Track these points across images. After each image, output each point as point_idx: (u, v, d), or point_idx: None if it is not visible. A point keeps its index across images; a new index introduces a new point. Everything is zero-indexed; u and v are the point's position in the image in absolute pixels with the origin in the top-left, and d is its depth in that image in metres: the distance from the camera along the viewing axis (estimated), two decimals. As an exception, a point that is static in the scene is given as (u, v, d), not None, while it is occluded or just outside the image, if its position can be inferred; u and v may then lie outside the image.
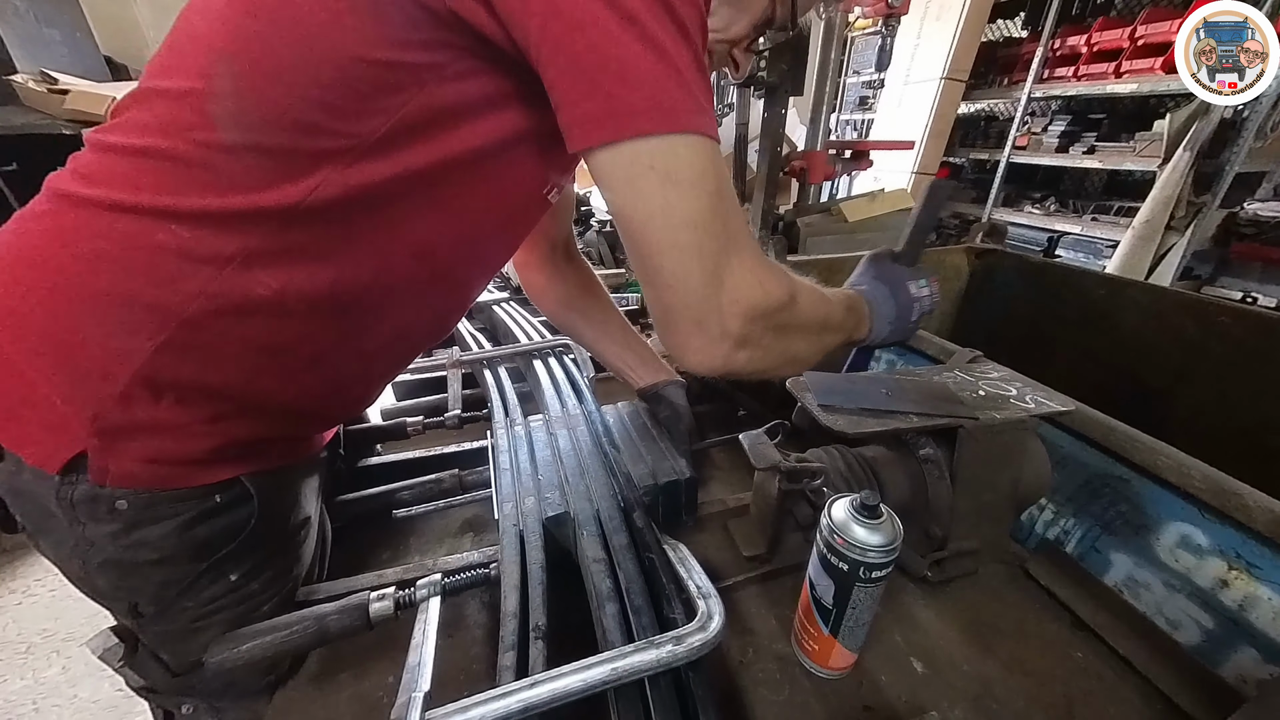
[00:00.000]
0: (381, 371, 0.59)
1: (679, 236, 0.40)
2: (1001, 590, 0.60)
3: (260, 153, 0.39)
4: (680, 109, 0.38)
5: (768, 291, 0.45)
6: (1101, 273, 1.61)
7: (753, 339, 0.46)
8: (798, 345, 0.52)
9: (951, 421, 0.55)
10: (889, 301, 0.64)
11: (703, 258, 0.41)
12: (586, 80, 0.37)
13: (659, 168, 0.38)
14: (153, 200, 0.39)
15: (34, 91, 2.08)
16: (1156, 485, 0.61)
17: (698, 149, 0.39)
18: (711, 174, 0.40)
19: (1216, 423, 1.24)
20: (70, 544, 0.43)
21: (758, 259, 0.45)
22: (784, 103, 0.98)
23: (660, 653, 0.37)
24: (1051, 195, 3.42)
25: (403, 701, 0.34)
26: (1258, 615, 0.53)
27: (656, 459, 0.63)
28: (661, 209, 0.40)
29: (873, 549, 0.41)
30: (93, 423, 0.40)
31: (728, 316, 0.43)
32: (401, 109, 0.39)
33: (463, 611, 0.57)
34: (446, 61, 0.39)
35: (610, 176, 0.40)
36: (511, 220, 0.54)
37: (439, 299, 0.55)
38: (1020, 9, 3.63)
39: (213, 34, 0.40)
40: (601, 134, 0.38)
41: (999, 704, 0.48)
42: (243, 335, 0.42)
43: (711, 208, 0.40)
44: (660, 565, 0.48)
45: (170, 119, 0.40)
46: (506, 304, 1.24)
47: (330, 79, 0.38)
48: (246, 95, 0.38)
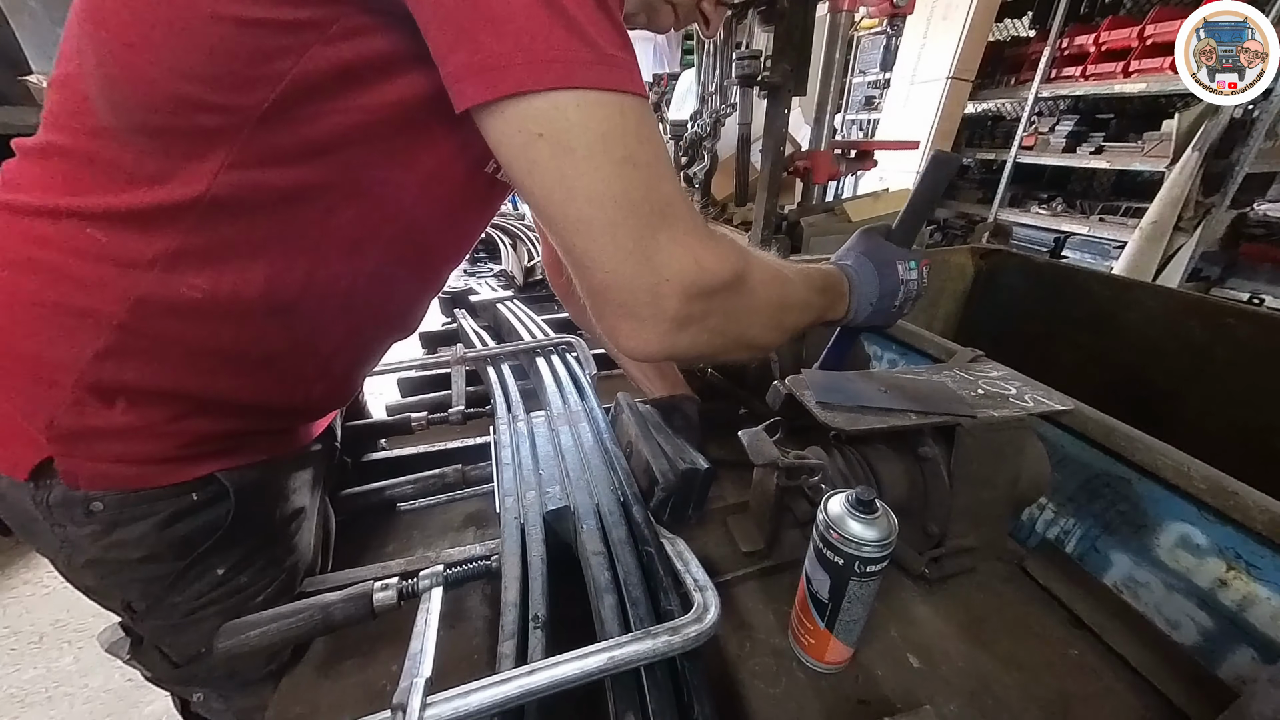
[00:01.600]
0: (346, 368, 0.56)
1: (583, 211, 0.35)
2: (999, 588, 0.60)
3: (147, 135, 0.36)
4: (568, 59, 0.32)
5: (705, 268, 0.39)
6: (1106, 273, 1.60)
7: (694, 320, 0.40)
8: (753, 328, 0.47)
9: (949, 419, 0.55)
10: (873, 281, 0.59)
11: (617, 234, 0.36)
12: (453, 27, 0.32)
13: (548, 133, 0.33)
14: (63, 202, 0.38)
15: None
16: (1156, 485, 0.61)
17: (595, 107, 0.33)
18: (617, 137, 0.34)
19: (1223, 424, 1.23)
20: (55, 545, 0.43)
21: (694, 232, 0.39)
22: (787, 102, 0.98)
23: (656, 643, 0.37)
24: (1059, 195, 3.40)
25: (404, 686, 0.35)
26: (1256, 615, 0.53)
27: (676, 450, 0.62)
28: (558, 182, 0.35)
29: (868, 544, 0.42)
30: (49, 430, 0.40)
31: (661, 297, 0.38)
32: (286, 75, 0.34)
33: (465, 604, 0.58)
34: (330, 18, 0.34)
35: (497, 144, 0.35)
36: (451, 204, 0.48)
37: (392, 291, 0.52)
38: (1028, 8, 3.60)
39: (80, 7, 0.36)
40: (475, 92, 0.33)
41: (994, 699, 0.48)
42: (183, 338, 0.41)
43: (621, 176, 0.35)
44: (658, 559, 0.48)
45: (59, 110, 0.38)
46: (511, 302, 1.25)
47: (199, 44, 0.33)
48: (114, 71, 0.35)
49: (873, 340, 1.03)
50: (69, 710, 1.34)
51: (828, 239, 1.64)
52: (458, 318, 1.26)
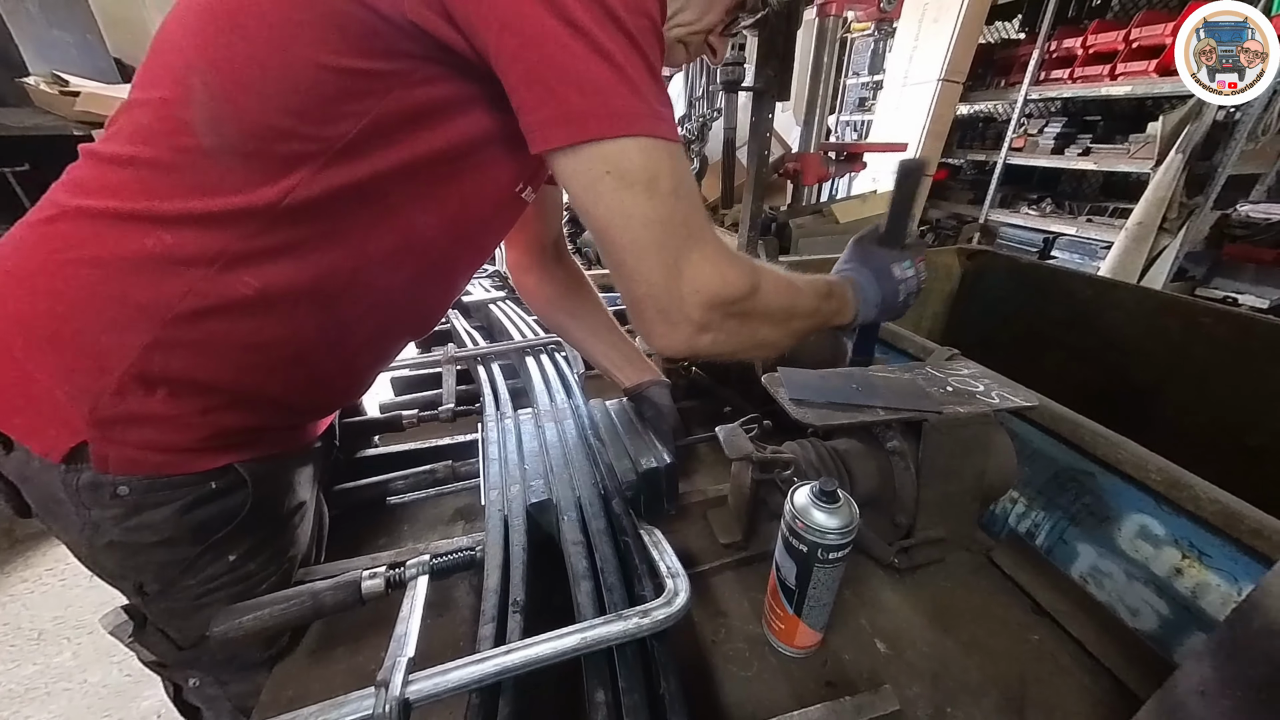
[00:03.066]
0: (366, 365, 0.61)
1: (638, 234, 0.43)
2: (966, 577, 0.62)
3: (237, 156, 0.41)
4: (631, 114, 0.40)
5: (728, 281, 0.47)
6: (1088, 274, 1.62)
7: (714, 324, 0.48)
8: (763, 331, 0.55)
9: (917, 415, 0.57)
10: (873, 285, 0.66)
11: (662, 252, 0.44)
12: (542, 88, 0.39)
13: (614, 170, 0.41)
14: (138, 206, 0.41)
15: (46, 93, 2.13)
16: (1118, 478, 0.63)
17: (651, 151, 0.41)
18: (667, 174, 0.42)
19: (1200, 421, 1.26)
20: (78, 527, 0.46)
21: (719, 251, 0.47)
22: (771, 107, 1.01)
23: (627, 624, 0.40)
24: (1048, 196, 3.43)
25: (388, 665, 0.37)
26: (1208, 601, 0.55)
27: (639, 450, 0.66)
28: (619, 210, 0.42)
29: (830, 531, 0.44)
30: (91, 415, 0.42)
31: (689, 305, 0.46)
32: (369, 114, 0.41)
33: (452, 594, 0.60)
34: (410, 69, 0.41)
35: (570, 179, 0.42)
36: (487, 219, 0.56)
37: (419, 296, 0.57)
38: (1017, 11, 3.64)
39: (187, 44, 0.42)
40: (557, 138, 0.40)
41: (955, 681, 0.50)
42: (229, 333, 0.45)
43: (668, 206, 0.43)
44: (635, 548, 0.51)
45: (151, 127, 0.42)
46: (503, 303, 1.27)
47: (297, 86, 0.40)
48: (220, 103, 0.40)
49: (856, 340, 1.06)
50: (68, 705, 1.36)
51: (816, 240, 1.67)
52: (450, 318, 1.28)
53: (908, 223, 0.69)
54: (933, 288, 1.73)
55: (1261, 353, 1.15)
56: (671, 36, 0.57)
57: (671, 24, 0.56)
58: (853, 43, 4.06)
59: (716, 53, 0.64)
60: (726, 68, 1.05)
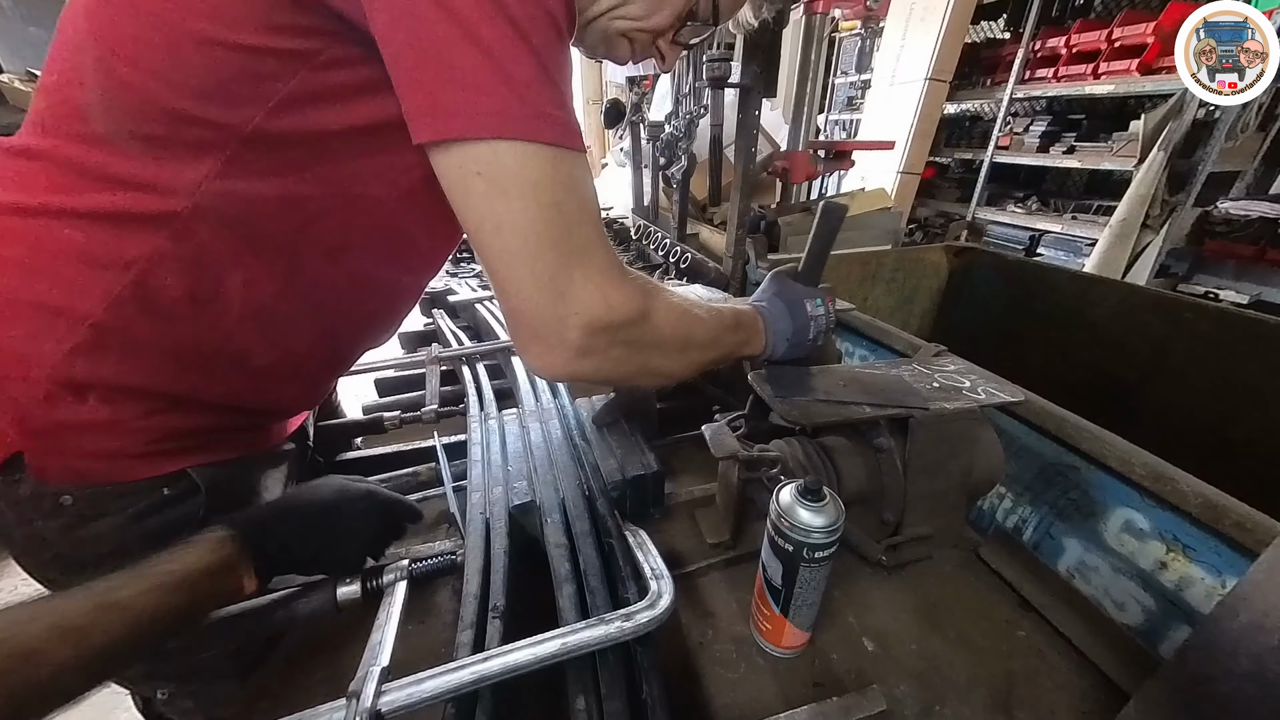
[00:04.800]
0: (317, 369, 0.58)
1: (509, 242, 0.39)
2: (954, 574, 0.62)
3: (139, 143, 0.38)
4: (506, 114, 0.36)
5: (612, 307, 0.43)
6: (1073, 270, 1.64)
7: (596, 350, 0.44)
8: (655, 360, 0.51)
9: (903, 411, 0.57)
10: (785, 319, 0.63)
11: (535, 267, 0.40)
12: (409, 75, 0.36)
13: (485, 174, 0.37)
14: (43, 200, 0.39)
15: (20, 91, 2.09)
16: (1103, 472, 0.63)
17: (530, 157, 0.37)
18: (548, 184, 0.39)
19: (1184, 415, 1.27)
20: (21, 540, 0.44)
21: (606, 272, 0.43)
22: (757, 104, 1.00)
23: (609, 628, 0.39)
24: (1034, 194, 3.47)
25: (361, 675, 0.36)
26: (1192, 595, 0.55)
27: (626, 453, 0.65)
28: (489, 216, 0.39)
29: (815, 530, 0.43)
30: (22, 425, 0.40)
31: (567, 327, 0.42)
32: (274, 97, 0.38)
33: (434, 600, 0.58)
34: (318, 48, 0.38)
35: (443, 176, 0.39)
36: (429, 216, 0.51)
37: (366, 299, 0.55)
38: (1002, 11, 3.67)
39: (77, 21, 0.39)
40: (426, 131, 0.37)
41: (943, 679, 0.50)
42: (158, 337, 0.43)
43: (546, 219, 0.39)
44: (619, 550, 0.50)
45: (49, 115, 0.40)
46: (490, 302, 1.26)
47: (195, 63, 0.37)
48: (110, 83, 0.37)
49: (844, 337, 1.06)
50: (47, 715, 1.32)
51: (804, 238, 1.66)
52: (436, 318, 1.26)
53: (825, 261, 0.69)
54: (920, 285, 1.74)
55: (1242, 347, 1.16)
56: (614, 29, 0.55)
57: (614, 14, 0.53)
58: (840, 42, 4.08)
59: (665, 59, 0.61)
60: (712, 64, 1.04)
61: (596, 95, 5.49)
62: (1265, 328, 1.13)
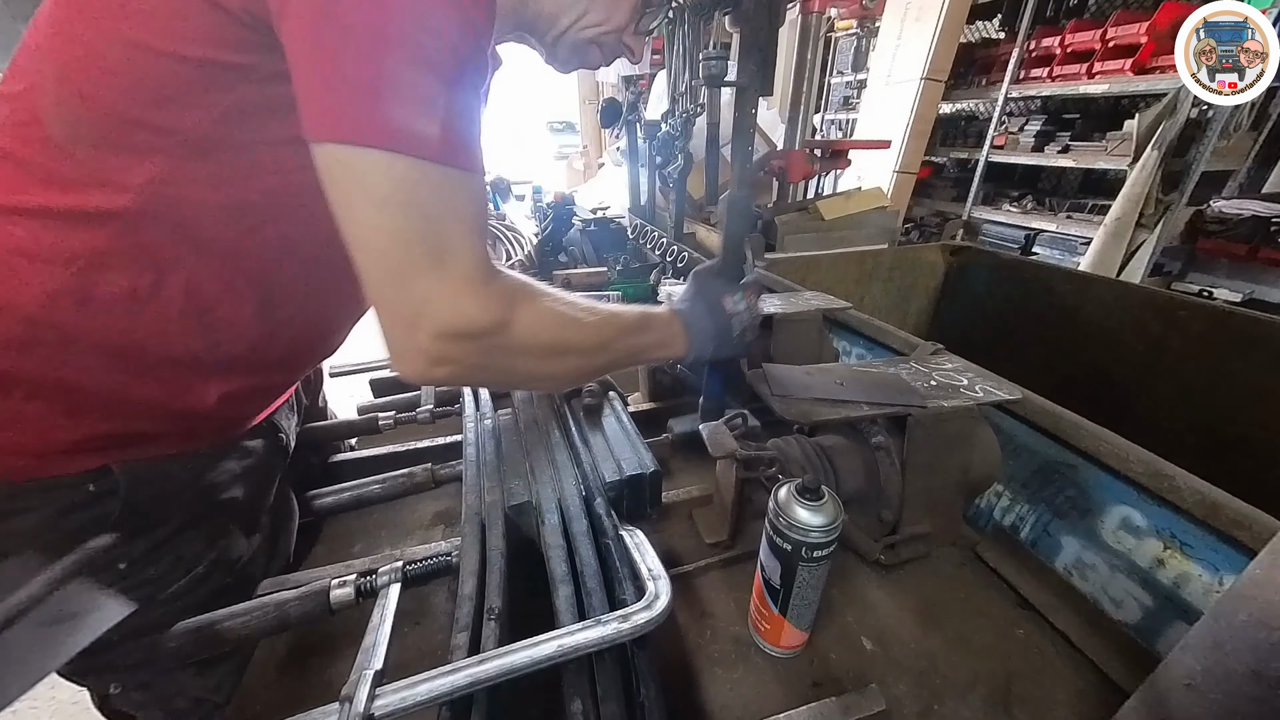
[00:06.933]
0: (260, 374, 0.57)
1: (361, 233, 0.40)
2: (952, 572, 0.62)
3: (89, 146, 0.40)
4: (376, 124, 0.36)
5: (462, 313, 0.42)
6: (1068, 269, 1.64)
7: (449, 358, 0.43)
8: (524, 366, 0.49)
9: (901, 410, 0.57)
10: (707, 317, 0.62)
11: (388, 269, 0.40)
12: (298, 69, 0.37)
13: (353, 177, 0.38)
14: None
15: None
16: (1100, 470, 0.63)
17: (397, 166, 0.37)
18: (408, 190, 0.38)
19: (1178, 413, 1.28)
20: None
21: (466, 280, 0.42)
22: (754, 102, 1.00)
23: (606, 630, 0.38)
24: (1029, 193, 3.48)
25: (354, 679, 0.35)
26: (1190, 591, 0.55)
27: (623, 453, 0.64)
28: (354, 215, 0.39)
29: (814, 529, 0.43)
30: None
31: (419, 333, 0.41)
32: (218, 106, 0.40)
33: (430, 602, 0.58)
34: (258, 63, 0.40)
35: (320, 171, 0.39)
36: None
37: (310, 307, 0.55)
38: (997, 10, 3.68)
39: (43, 29, 0.41)
40: (307, 127, 0.38)
41: (942, 678, 0.50)
42: (92, 333, 0.43)
43: (403, 218, 0.39)
44: (615, 550, 0.49)
45: (7, 120, 0.41)
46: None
47: (147, 76, 0.39)
48: (66, 90, 0.39)
49: (841, 336, 1.06)
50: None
51: (801, 236, 1.67)
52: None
53: (744, 255, 0.68)
54: (917, 283, 1.74)
55: (1236, 345, 1.17)
56: (583, 39, 0.57)
57: (579, 26, 0.56)
58: (836, 41, 4.08)
59: (635, 52, 0.63)
60: (709, 62, 1.03)
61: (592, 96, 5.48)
62: (1258, 326, 1.13)
